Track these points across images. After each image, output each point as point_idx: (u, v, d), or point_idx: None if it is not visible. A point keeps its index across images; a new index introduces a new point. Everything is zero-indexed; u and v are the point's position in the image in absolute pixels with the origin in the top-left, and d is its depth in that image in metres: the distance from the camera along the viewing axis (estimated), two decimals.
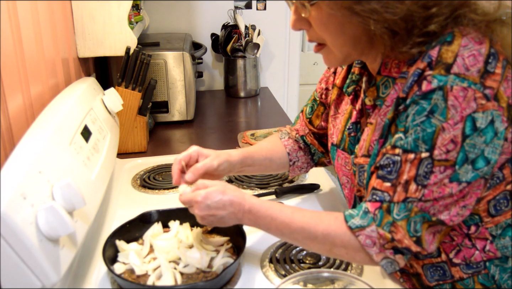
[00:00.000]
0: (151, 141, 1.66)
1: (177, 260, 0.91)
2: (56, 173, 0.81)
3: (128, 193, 1.28)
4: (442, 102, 0.69)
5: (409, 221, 0.73)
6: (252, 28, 2.16)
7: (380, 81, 0.82)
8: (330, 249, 0.81)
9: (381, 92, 0.82)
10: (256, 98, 2.22)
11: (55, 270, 0.72)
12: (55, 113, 0.96)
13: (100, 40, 1.43)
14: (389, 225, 0.74)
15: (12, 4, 0.94)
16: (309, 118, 1.13)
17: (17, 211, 0.66)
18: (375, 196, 0.76)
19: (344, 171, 0.97)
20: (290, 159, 1.12)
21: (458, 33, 0.71)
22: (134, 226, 0.99)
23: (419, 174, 0.71)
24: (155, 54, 1.69)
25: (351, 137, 0.93)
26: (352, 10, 0.72)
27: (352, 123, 0.92)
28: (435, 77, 0.69)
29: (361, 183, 0.87)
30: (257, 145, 1.14)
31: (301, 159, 1.14)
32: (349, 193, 0.97)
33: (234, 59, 2.15)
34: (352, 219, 0.78)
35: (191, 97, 1.80)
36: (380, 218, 0.75)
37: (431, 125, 0.70)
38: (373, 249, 0.76)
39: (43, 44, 1.12)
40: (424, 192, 0.72)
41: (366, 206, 0.77)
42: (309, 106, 1.14)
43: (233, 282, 0.89)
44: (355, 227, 0.77)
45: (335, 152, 0.99)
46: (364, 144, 0.86)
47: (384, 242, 0.75)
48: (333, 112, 1.02)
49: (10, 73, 0.92)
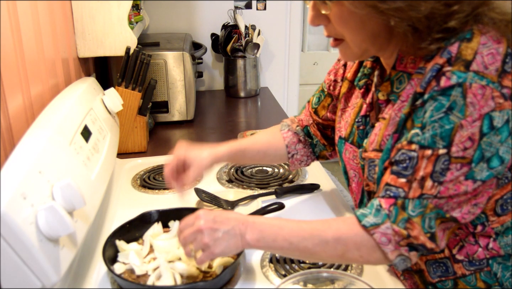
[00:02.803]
0: (151, 141, 1.66)
1: (177, 260, 0.91)
2: (56, 173, 0.80)
3: (128, 193, 1.28)
4: (461, 99, 0.69)
5: (424, 218, 0.72)
6: (252, 28, 2.16)
7: (395, 76, 0.82)
8: (343, 254, 0.77)
9: (395, 87, 0.82)
10: (256, 98, 2.22)
11: (55, 270, 0.72)
12: (55, 113, 0.96)
13: (100, 40, 1.43)
14: (404, 222, 0.73)
15: (12, 4, 0.94)
16: (314, 108, 1.13)
17: (17, 211, 0.66)
18: (389, 192, 0.75)
19: (352, 165, 0.96)
20: (289, 151, 1.12)
21: (477, 31, 0.71)
22: (134, 226, 0.99)
23: (436, 170, 0.71)
24: (155, 54, 1.69)
25: (359, 131, 0.92)
26: (377, 8, 0.71)
27: (362, 117, 0.92)
28: (454, 73, 0.69)
29: (370, 178, 0.86)
30: (253, 137, 1.13)
31: (300, 151, 1.13)
32: (356, 187, 0.96)
33: (234, 59, 2.14)
34: (366, 217, 0.76)
35: (191, 97, 1.81)
36: (395, 214, 0.73)
37: (450, 122, 0.69)
38: (388, 246, 0.74)
39: (43, 44, 1.12)
40: (440, 188, 0.71)
41: (379, 203, 0.76)
42: (316, 96, 1.13)
43: (233, 282, 0.89)
44: (370, 225, 0.75)
45: (343, 145, 0.99)
46: (376, 138, 0.85)
47: (400, 239, 0.74)
48: (343, 106, 1.01)
49: (10, 73, 0.92)
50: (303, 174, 1.35)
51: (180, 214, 1.01)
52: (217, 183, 1.31)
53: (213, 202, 1.15)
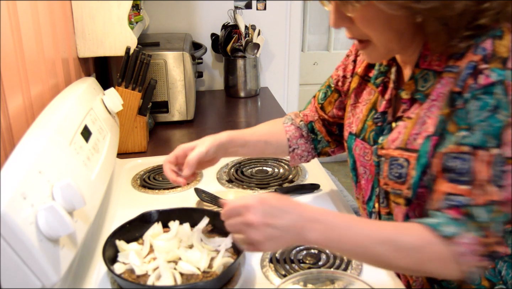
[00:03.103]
0: (151, 141, 1.66)
1: (177, 260, 0.91)
2: (56, 173, 0.80)
3: (128, 193, 1.28)
4: (503, 97, 0.68)
5: (494, 223, 0.70)
6: (252, 28, 2.16)
7: (419, 74, 0.81)
8: (416, 263, 0.72)
9: (420, 85, 0.81)
10: (256, 98, 2.22)
11: (55, 270, 0.72)
12: (55, 113, 0.96)
13: (100, 40, 1.43)
14: (480, 230, 0.70)
15: (12, 4, 0.94)
16: (321, 104, 1.11)
17: (17, 211, 0.66)
18: (451, 202, 0.72)
19: (362, 161, 0.95)
20: (290, 145, 1.11)
21: (506, 29, 0.71)
22: (134, 226, 0.99)
23: (494, 174, 0.69)
24: (155, 54, 1.69)
25: (377, 127, 0.91)
26: (411, 9, 0.70)
27: (380, 113, 0.90)
28: (493, 70, 0.69)
29: (391, 176, 0.84)
30: (254, 127, 1.12)
31: (301, 146, 1.12)
32: (365, 184, 0.95)
33: (234, 59, 2.15)
34: (441, 227, 0.71)
35: (191, 97, 1.81)
36: (468, 223, 0.70)
37: (497, 120, 0.68)
38: (467, 257, 0.70)
39: (43, 44, 1.12)
40: (502, 191, 0.70)
41: (447, 214, 0.72)
42: (322, 91, 1.12)
43: (233, 282, 0.89)
44: (451, 234, 0.70)
45: (353, 141, 0.98)
46: (400, 137, 0.83)
47: (480, 248, 0.70)
48: (353, 101, 1.00)
49: (10, 73, 0.92)
50: (303, 174, 1.35)
51: (180, 214, 1.02)
52: (217, 183, 1.31)
53: (213, 202, 1.15)
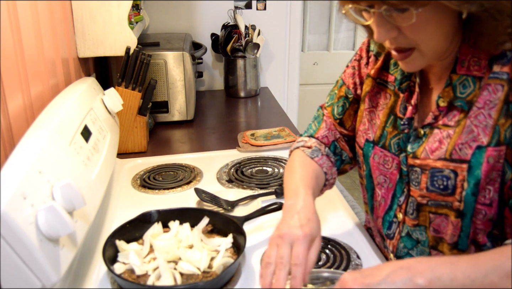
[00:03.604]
0: (151, 141, 1.66)
1: (177, 260, 0.91)
2: (56, 173, 0.81)
3: (128, 193, 1.28)
4: None
5: None
6: (252, 28, 2.16)
7: (457, 81, 0.78)
8: None
9: (458, 92, 0.78)
10: (256, 98, 2.22)
11: (55, 270, 0.72)
12: (55, 113, 0.96)
13: (100, 40, 1.43)
14: None
15: (12, 4, 0.94)
16: (339, 119, 1.02)
17: (17, 211, 0.66)
18: None
19: (382, 170, 0.91)
20: (327, 178, 0.97)
21: None
22: (134, 226, 0.99)
23: None
24: (155, 54, 1.69)
25: (404, 134, 0.87)
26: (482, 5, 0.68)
27: (407, 119, 0.87)
28: None
29: (433, 188, 0.80)
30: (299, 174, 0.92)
31: (334, 175, 1.00)
32: (385, 193, 0.91)
33: (234, 59, 2.15)
34: None
35: (191, 97, 1.81)
36: None
37: None
38: None
39: (43, 44, 1.12)
40: None
41: None
42: (337, 105, 1.02)
43: (233, 282, 0.89)
44: None
45: (371, 149, 0.93)
46: (441, 146, 0.80)
47: None
48: (368, 106, 0.95)
49: (10, 73, 0.92)
50: None
51: (180, 214, 1.02)
52: (217, 183, 1.31)
53: (213, 202, 1.15)
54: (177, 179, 1.33)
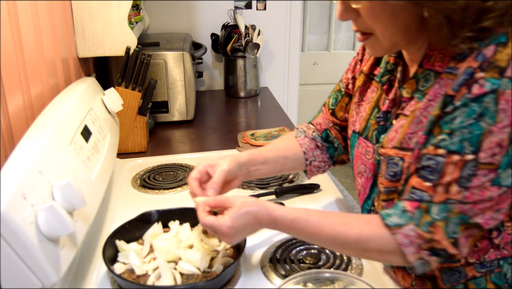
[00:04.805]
0: (151, 141, 1.66)
1: (177, 260, 0.91)
2: (56, 173, 0.81)
3: (128, 193, 1.28)
4: (493, 105, 0.68)
5: (447, 222, 0.72)
6: (252, 28, 2.16)
7: (421, 74, 0.81)
8: (361, 254, 0.82)
9: (420, 85, 0.81)
10: (256, 98, 2.22)
11: (55, 270, 0.72)
12: (55, 113, 0.96)
13: (100, 40, 1.43)
14: (427, 225, 0.73)
15: (12, 4, 0.94)
16: (332, 110, 1.09)
17: (17, 211, 0.66)
18: (413, 195, 0.75)
19: (363, 160, 0.95)
20: (307, 158, 1.08)
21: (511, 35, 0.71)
22: (134, 226, 0.99)
23: (462, 176, 0.70)
24: (155, 54, 1.69)
25: (379, 126, 0.91)
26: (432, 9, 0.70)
27: (383, 112, 0.90)
28: (488, 80, 0.69)
29: (387, 176, 0.85)
30: (269, 144, 1.10)
31: (318, 158, 1.09)
32: (365, 182, 0.95)
33: (234, 59, 2.15)
34: (390, 217, 0.76)
35: (191, 97, 1.81)
36: (419, 217, 0.73)
37: (479, 128, 0.69)
38: (409, 248, 0.74)
39: (43, 44, 1.12)
40: (465, 194, 0.71)
41: (404, 205, 0.76)
42: (332, 97, 1.10)
43: (233, 282, 0.89)
44: (393, 225, 0.75)
45: (356, 140, 0.97)
46: (396, 136, 0.84)
47: (422, 242, 0.73)
48: (357, 100, 1.00)
49: (10, 73, 0.92)
50: (303, 174, 1.35)
51: (180, 214, 1.02)
52: None
53: None
54: (177, 179, 1.33)
